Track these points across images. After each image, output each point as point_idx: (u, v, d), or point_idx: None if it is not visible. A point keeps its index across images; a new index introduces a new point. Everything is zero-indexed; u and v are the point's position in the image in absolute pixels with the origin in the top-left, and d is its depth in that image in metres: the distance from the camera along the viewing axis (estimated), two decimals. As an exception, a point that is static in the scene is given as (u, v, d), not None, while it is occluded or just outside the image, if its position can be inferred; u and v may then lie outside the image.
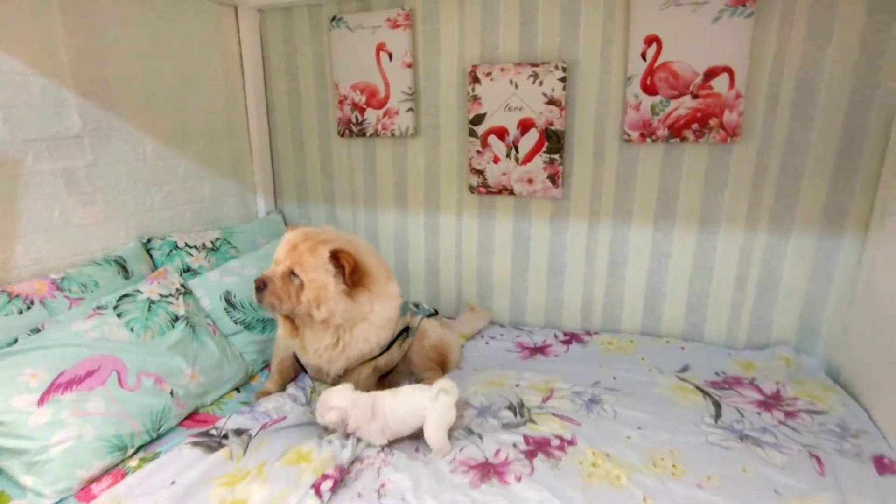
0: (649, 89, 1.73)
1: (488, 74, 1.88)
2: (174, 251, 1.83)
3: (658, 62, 1.70)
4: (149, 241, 1.83)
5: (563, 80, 1.81)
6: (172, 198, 1.94)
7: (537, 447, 1.34)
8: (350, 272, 1.39)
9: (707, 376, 1.67)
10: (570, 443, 1.35)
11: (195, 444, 1.31)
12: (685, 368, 1.72)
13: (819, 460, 1.22)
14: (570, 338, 1.97)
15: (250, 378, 1.73)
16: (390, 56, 2.00)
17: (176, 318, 1.57)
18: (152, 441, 1.37)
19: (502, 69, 1.86)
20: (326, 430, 1.40)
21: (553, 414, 1.48)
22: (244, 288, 1.79)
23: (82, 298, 1.54)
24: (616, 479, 1.21)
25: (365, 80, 2.06)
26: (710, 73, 1.66)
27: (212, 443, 1.32)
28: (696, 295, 1.89)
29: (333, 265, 1.41)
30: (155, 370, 1.44)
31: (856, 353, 1.63)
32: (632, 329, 1.99)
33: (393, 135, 2.07)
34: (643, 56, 1.72)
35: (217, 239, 1.98)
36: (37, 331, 1.40)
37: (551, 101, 1.84)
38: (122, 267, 1.68)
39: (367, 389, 1.53)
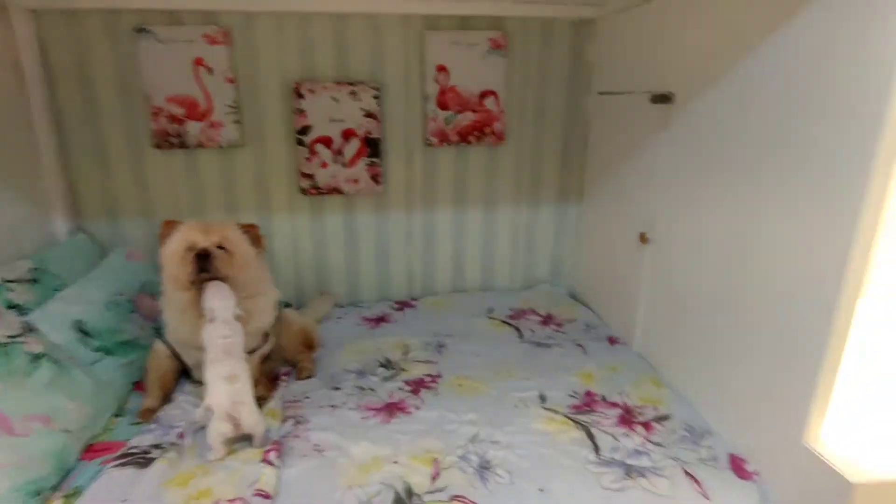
0: (442, 105, 2.27)
1: (311, 91, 2.15)
2: (-9, 289, 1.64)
3: (448, 85, 2.25)
4: (-44, 282, 1.59)
5: (376, 97, 2.21)
6: (-35, 230, 1.70)
7: (417, 385, 1.79)
8: (256, 236, 1.69)
9: (505, 312, 2.36)
10: (438, 376, 1.85)
11: (122, 465, 1.36)
12: (491, 310, 2.38)
13: (583, 348, 2.02)
14: (402, 305, 2.45)
15: (123, 402, 1.72)
16: (210, 70, 2.08)
17: (37, 357, 1.48)
18: (62, 480, 1.35)
19: (324, 87, 2.16)
20: None
21: (416, 361, 1.95)
22: (95, 314, 1.73)
23: (-89, 358, 1.33)
24: (477, 389, 1.76)
25: (183, 93, 2.08)
26: (483, 95, 2.29)
27: (138, 460, 1.39)
28: (486, 256, 2.56)
29: (245, 234, 1.67)
30: (40, 412, 1.38)
31: (584, 280, 2.53)
32: (445, 289, 2.58)
33: (220, 146, 2.16)
34: (436, 81, 2.24)
35: (33, 269, 1.80)
36: None
37: (369, 115, 2.22)
38: (-59, 315, 1.47)
39: (259, 380, 1.75)
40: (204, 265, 1.54)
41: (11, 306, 1.66)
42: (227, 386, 1.46)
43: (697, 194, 1.63)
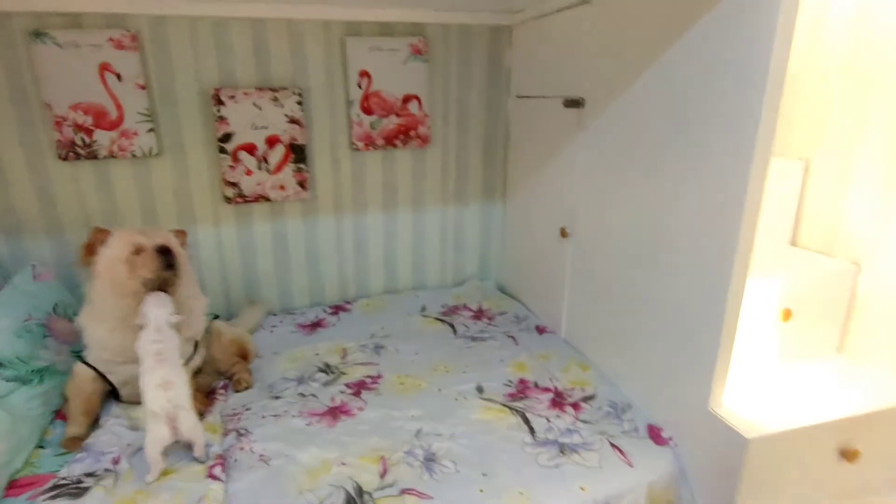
0: (367, 111, 2.30)
1: (232, 97, 2.10)
2: None
3: (371, 90, 2.28)
4: None
5: (299, 102, 2.19)
6: None
7: (359, 387, 1.83)
8: (184, 241, 1.71)
9: (438, 310, 2.44)
10: (379, 377, 1.89)
11: (52, 498, 1.29)
12: (423, 308, 2.45)
13: (515, 339, 2.14)
14: (336, 309, 2.46)
15: (44, 432, 1.61)
16: (119, 77, 1.97)
17: (-59, 394, 1.37)
18: (-16, 522, 1.26)
19: (245, 93, 2.11)
20: None
21: (356, 363, 1.98)
22: (4, 343, 1.60)
23: None
24: (418, 386, 1.82)
25: (89, 101, 1.96)
26: (406, 99, 2.34)
27: (71, 491, 1.32)
28: (417, 256, 2.62)
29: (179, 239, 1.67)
30: (-49, 452, 1.28)
31: (511, 273, 2.66)
32: (378, 290, 2.61)
33: (133, 155, 2.06)
34: (359, 86, 2.26)
35: (-75, 298, 1.64)
36: None
37: (292, 121, 2.21)
38: None
39: (193, 395, 1.71)
40: (169, 261, 1.53)
41: None
42: (162, 392, 1.42)
43: (610, 190, 1.78)
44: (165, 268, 1.55)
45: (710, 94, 1.33)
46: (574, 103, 1.90)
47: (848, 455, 1.40)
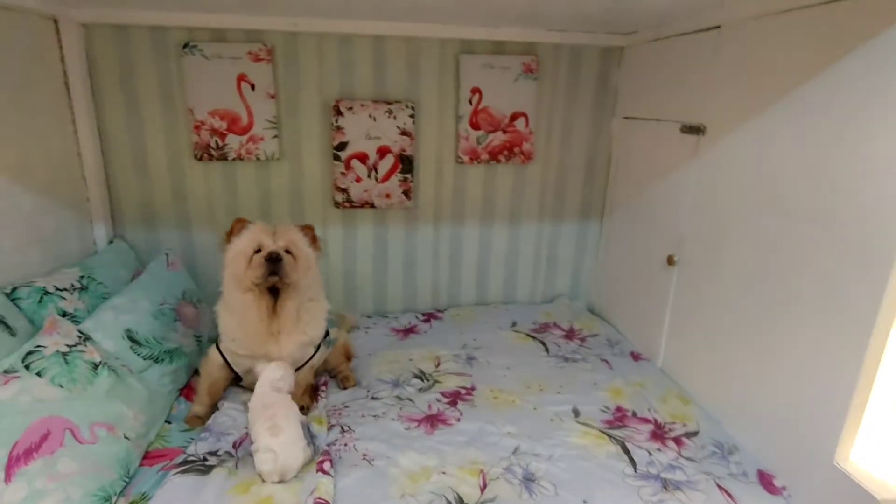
0: (474, 126, 2.35)
1: (350, 108, 2.22)
2: (45, 297, 1.69)
3: (480, 106, 2.33)
4: (13, 290, 1.64)
5: (412, 116, 2.28)
6: (19, 239, 1.75)
7: (454, 397, 1.86)
8: (314, 237, 1.77)
9: (528, 326, 2.44)
10: (473, 388, 1.92)
11: (183, 472, 1.42)
12: (514, 323, 2.46)
13: (608, 363, 2.10)
14: (428, 317, 2.52)
15: (171, 409, 1.77)
16: (252, 86, 2.14)
17: (96, 365, 1.54)
18: (127, 486, 1.40)
19: (362, 105, 2.23)
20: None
21: (449, 373, 2.03)
22: (144, 323, 1.78)
23: (-20, 366, 1.38)
24: (512, 402, 1.84)
25: (225, 108, 2.15)
26: (514, 116, 2.37)
27: (199, 467, 1.44)
28: (509, 270, 2.64)
29: (308, 238, 1.74)
30: (103, 419, 1.43)
31: (602, 294, 2.62)
32: (469, 301, 2.65)
33: (258, 159, 2.22)
34: (469, 101, 2.32)
35: (81, 277, 1.85)
36: (-47, 411, 1.26)
37: (404, 133, 2.30)
38: (5, 324, 1.51)
39: (306, 389, 1.81)
40: (274, 269, 1.59)
41: (63, 314, 1.72)
42: (269, 436, 1.43)
43: (727, 222, 1.72)
44: (270, 274, 1.59)
45: (859, 130, 1.26)
46: (693, 129, 1.85)
47: None
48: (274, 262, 1.58)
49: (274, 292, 1.66)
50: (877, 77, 1.22)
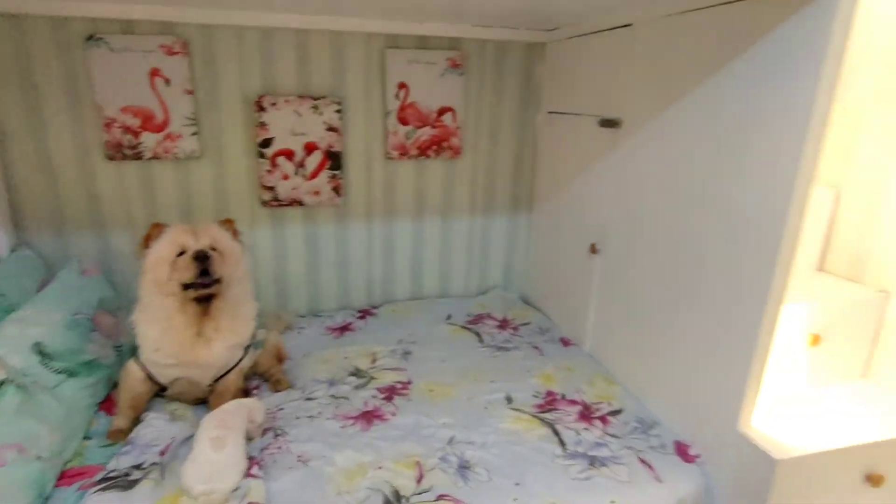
0: (403, 121, 2.36)
1: (274, 104, 2.17)
2: (-63, 314, 1.55)
3: (407, 101, 2.33)
4: None
5: (338, 111, 2.25)
6: None
7: (390, 392, 1.87)
8: (234, 230, 1.73)
9: (463, 318, 2.48)
10: (409, 382, 1.94)
11: (103, 490, 1.35)
12: (449, 316, 2.50)
13: (540, 350, 2.18)
14: (363, 313, 2.51)
15: (90, 424, 1.67)
16: (167, 81, 2.04)
17: (1, 383, 1.43)
18: (42, 508, 1.32)
19: (286, 100, 2.18)
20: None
21: (385, 369, 2.03)
22: (56, 335, 1.67)
23: None
24: (447, 393, 1.87)
25: (138, 104, 2.03)
26: (441, 111, 2.39)
27: (121, 483, 1.38)
28: (443, 263, 2.67)
29: (230, 232, 1.70)
30: (12, 440, 1.34)
31: (534, 285, 2.70)
32: (404, 296, 2.66)
33: (176, 157, 2.13)
34: (396, 97, 2.32)
35: (-21, 289, 1.71)
36: None
37: (330, 129, 2.26)
38: None
39: (236, 394, 1.76)
40: (204, 267, 1.54)
41: (-39, 331, 1.58)
42: (210, 451, 1.38)
43: (644, 211, 1.82)
44: (201, 276, 1.56)
45: (751, 123, 1.37)
46: (610, 123, 1.95)
47: (873, 480, 1.43)
48: (202, 261, 1.54)
49: (204, 297, 1.61)
50: (766, 74, 1.33)
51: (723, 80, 1.46)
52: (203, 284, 1.57)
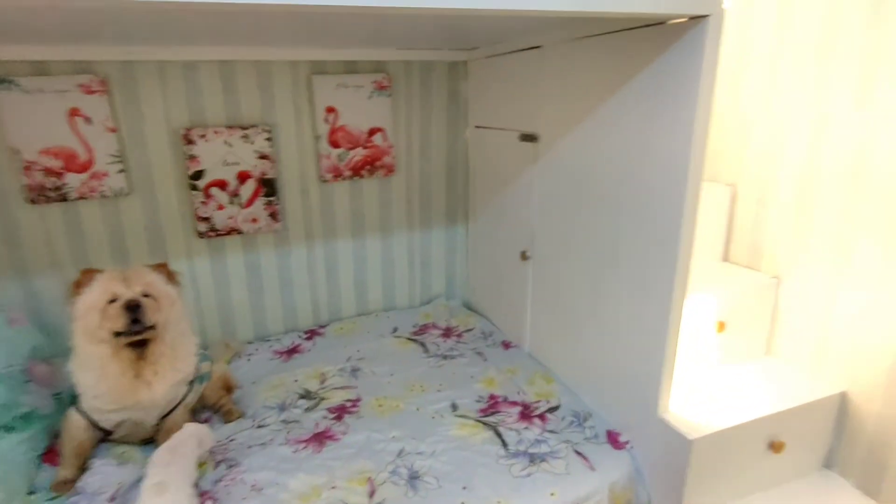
0: (334, 144, 2.41)
1: (203, 136, 2.17)
2: None
3: (337, 125, 2.39)
4: None
5: (269, 139, 2.28)
6: None
7: (340, 411, 1.93)
8: (169, 273, 1.72)
9: (409, 329, 2.57)
10: (358, 400, 2.00)
11: (53, 544, 1.35)
12: (395, 329, 2.57)
13: (483, 355, 2.29)
14: (311, 334, 2.55)
15: (32, 478, 1.64)
16: (88, 120, 2.01)
17: (-69, 449, 1.39)
18: (-15, 571, 1.30)
19: (216, 131, 2.18)
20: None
21: (335, 388, 2.09)
22: (-13, 391, 1.63)
23: None
24: (396, 406, 1.95)
25: (59, 145, 1.99)
26: (372, 132, 2.46)
27: (69, 535, 1.38)
28: (387, 278, 2.74)
29: (164, 276, 1.68)
30: (-52, 506, 1.31)
31: (476, 291, 2.82)
32: (350, 313, 2.71)
33: (103, 196, 2.09)
34: (326, 121, 2.37)
35: None
36: None
37: (262, 156, 2.29)
38: None
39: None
40: (136, 316, 1.54)
41: None
42: (153, 497, 1.40)
43: (566, 219, 1.96)
44: (132, 323, 1.55)
45: (649, 134, 1.53)
46: (529, 138, 2.08)
47: (775, 447, 1.62)
48: (134, 311, 1.53)
49: (139, 342, 1.61)
50: (656, 93, 1.48)
51: (623, 98, 1.61)
52: (135, 332, 1.56)
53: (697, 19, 1.33)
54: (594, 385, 1.90)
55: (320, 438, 1.78)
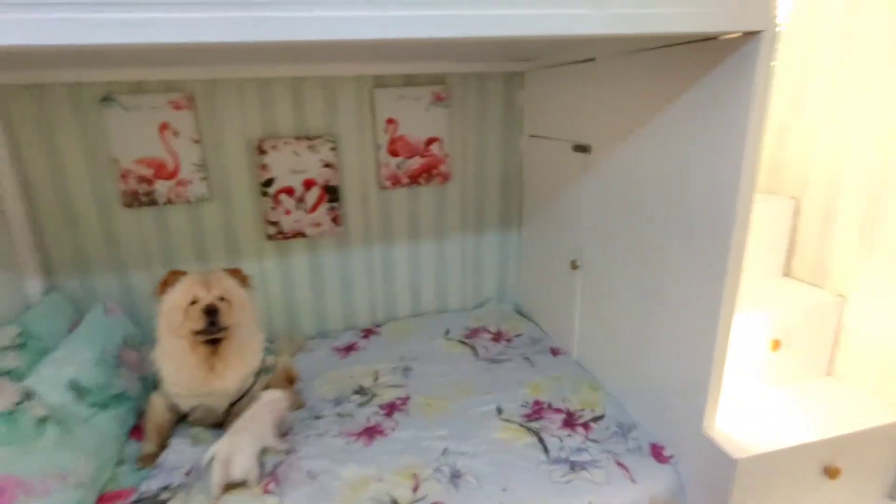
0: (393, 153, 2.53)
1: (274, 146, 2.35)
2: (-17, 359, 1.75)
3: (397, 135, 2.51)
4: (-49, 355, 1.69)
5: (333, 149, 2.43)
6: (-48, 304, 1.79)
7: (390, 408, 2.04)
8: (243, 278, 1.89)
9: (461, 332, 2.64)
10: (407, 398, 2.10)
11: (137, 510, 1.54)
12: (447, 331, 2.66)
13: (531, 361, 2.34)
14: (367, 332, 2.68)
15: (121, 451, 1.86)
16: (176, 133, 2.24)
17: (42, 420, 1.62)
18: (83, 529, 1.50)
19: (285, 142, 2.36)
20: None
21: (387, 386, 2.20)
22: (87, 373, 1.86)
23: (-71, 434, 1.45)
24: (443, 407, 2.03)
25: (151, 156, 2.23)
26: (429, 141, 2.56)
27: (151, 503, 1.56)
28: (440, 281, 2.84)
29: (238, 280, 1.84)
30: (54, 471, 1.53)
31: (527, 297, 2.86)
32: (405, 314, 2.83)
33: (188, 201, 2.32)
34: (386, 132, 2.49)
35: (20, 334, 1.91)
36: None
37: (327, 165, 2.44)
38: (-53, 390, 1.58)
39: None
40: (213, 319, 1.71)
41: (5, 373, 1.78)
42: (228, 437, 1.63)
43: (614, 231, 1.97)
44: (209, 325, 1.72)
45: (700, 147, 1.52)
46: (582, 148, 2.10)
47: (830, 472, 1.56)
48: (212, 314, 1.71)
49: (213, 340, 1.78)
50: (709, 107, 1.47)
51: (674, 111, 1.61)
52: (211, 331, 1.74)
53: (751, 35, 1.32)
54: (640, 397, 1.89)
55: (371, 433, 1.90)
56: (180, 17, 0.92)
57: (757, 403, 1.74)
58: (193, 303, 1.72)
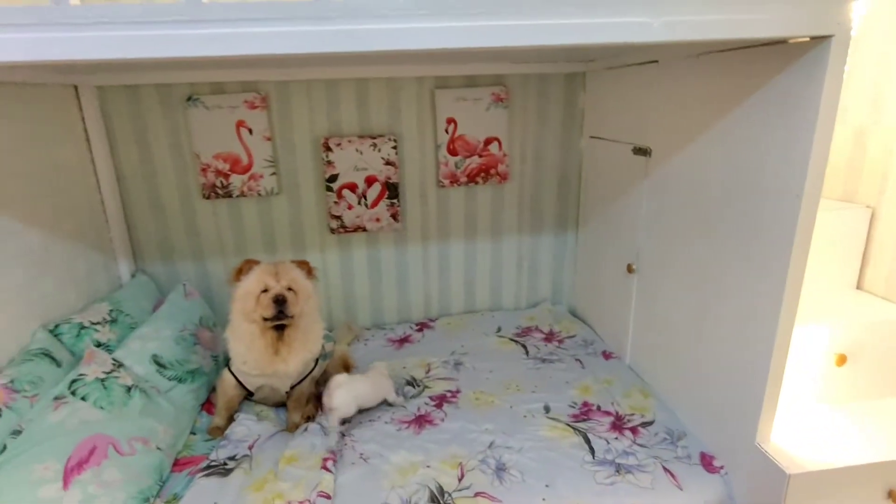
0: (452, 152, 2.59)
1: (338, 144, 2.47)
2: (82, 331, 1.96)
3: (456, 134, 2.57)
4: (56, 327, 1.92)
5: (394, 147, 2.53)
6: (58, 282, 2.02)
7: (441, 400, 2.11)
8: (309, 270, 2.00)
9: (512, 331, 2.68)
10: (458, 391, 2.17)
11: (207, 475, 1.68)
12: (499, 329, 2.70)
13: (581, 363, 2.34)
14: (421, 326, 2.77)
15: (194, 422, 2.04)
16: (250, 131, 2.40)
17: (129, 388, 1.81)
18: (161, 489, 1.67)
19: (349, 140, 2.48)
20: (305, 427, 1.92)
21: (438, 378, 2.27)
22: (168, 348, 2.04)
23: (37, 394, 1.66)
24: (492, 402, 2.08)
25: (227, 151, 2.41)
26: (488, 142, 2.61)
27: (220, 471, 1.71)
28: (494, 279, 2.88)
29: (304, 271, 1.96)
30: (139, 434, 1.70)
31: (581, 299, 2.85)
32: (459, 310, 2.90)
33: (259, 194, 2.49)
34: (446, 131, 2.56)
35: (111, 311, 2.13)
36: (17, 433, 1.53)
37: (388, 163, 2.54)
38: (51, 358, 1.79)
39: (309, 398, 2.07)
40: (281, 307, 1.83)
41: (98, 345, 1.99)
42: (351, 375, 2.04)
43: (673, 236, 1.94)
44: (278, 313, 1.84)
45: (764, 154, 1.48)
46: (642, 151, 2.07)
47: (894, 496, 1.48)
48: (280, 304, 1.83)
49: (279, 325, 1.92)
50: (774, 113, 1.43)
51: (737, 116, 1.57)
52: (279, 318, 1.86)
53: (820, 39, 1.28)
54: (692, 405, 1.86)
55: (421, 422, 1.97)
56: (262, 31, 1.01)
57: (817, 418, 1.67)
58: (265, 291, 1.85)
